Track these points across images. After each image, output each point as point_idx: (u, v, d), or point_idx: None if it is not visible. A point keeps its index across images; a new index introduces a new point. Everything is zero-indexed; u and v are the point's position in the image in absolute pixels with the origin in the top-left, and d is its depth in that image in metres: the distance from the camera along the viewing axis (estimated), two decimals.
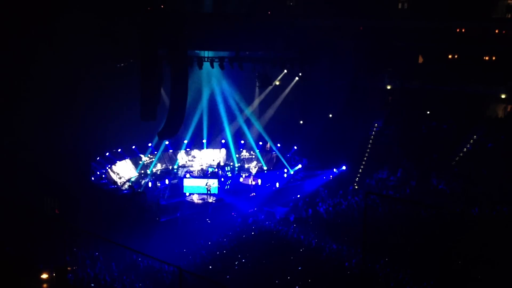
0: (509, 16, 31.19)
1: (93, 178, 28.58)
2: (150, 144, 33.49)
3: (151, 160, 33.78)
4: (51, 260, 18.49)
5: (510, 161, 27.13)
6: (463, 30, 32.60)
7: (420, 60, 34.66)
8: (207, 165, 34.48)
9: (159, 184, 30.38)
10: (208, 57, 28.13)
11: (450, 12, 30.94)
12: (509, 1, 31.23)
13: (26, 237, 20.01)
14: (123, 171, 31.99)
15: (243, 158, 35.33)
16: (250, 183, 31.18)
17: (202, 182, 29.11)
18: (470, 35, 32.45)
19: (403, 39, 32.53)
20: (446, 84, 32.97)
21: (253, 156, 35.28)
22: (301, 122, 37.35)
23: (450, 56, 33.70)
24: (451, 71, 33.02)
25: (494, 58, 32.19)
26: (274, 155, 35.07)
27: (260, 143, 35.47)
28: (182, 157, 35.13)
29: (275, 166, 34.68)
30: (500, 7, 31.39)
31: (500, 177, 26.33)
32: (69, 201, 23.65)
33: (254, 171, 33.64)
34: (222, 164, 34.13)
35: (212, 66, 28.31)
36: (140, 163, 33.05)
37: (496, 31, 31.83)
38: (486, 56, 32.54)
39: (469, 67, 32.45)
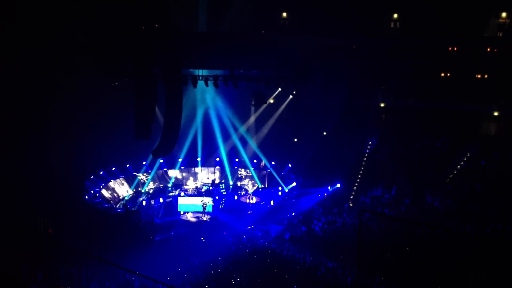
0: (500, 34, 31.56)
1: (87, 197, 28.44)
2: (144, 163, 33.40)
3: (146, 177, 33.70)
4: (44, 280, 18.41)
5: (503, 178, 27.29)
6: (455, 49, 32.95)
7: None
8: (202, 183, 34.42)
9: (153, 203, 30.26)
10: (202, 76, 28.22)
11: (442, 31, 31.29)
12: (500, 20, 31.63)
13: (19, 257, 19.85)
14: (117, 190, 31.88)
15: (240, 176, 35.20)
16: (248, 201, 31.16)
17: (196, 200, 29.02)
18: (462, 54, 32.79)
19: (396, 57, 32.84)
20: (439, 102, 33.22)
21: (250, 174, 35.22)
22: (296, 140, 37.42)
23: (442, 74, 33.99)
24: (443, 89, 33.29)
25: (486, 76, 32.50)
26: (266, 172, 35.07)
27: (255, 161, 35.47)
28: (176, 175, 35.10)
29: (269, 184, 34.66)
30: (491, 25, 31.81)
31: (494, 194, 26.45)
32: (63, 220, 23.49)
33: (250, 189, 33.53)
34: (217, 181, 34.06)
35: (207, 85, 28.40)
36: (134, 182, 32.94)
37: (488, 49, 32.19)
38: (478, 74, 32.85)
39: (461, 85, 32.73)
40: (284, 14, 36.10)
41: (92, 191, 29.43)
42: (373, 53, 32.89)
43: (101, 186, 30.68)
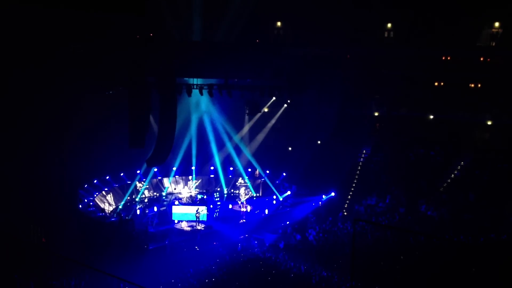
0: (493, 44, 31.73)
1: (80, 206, 28.34)
2: (138, 171, 33.31)
3: (141, 186, 33.59)
4: None
5: (497, 187, 27.38)
6: (448, 58, 33.08)
7: None
8: (196, 192, 34.36)
9: (148, 211, 30.16)
10: (197, 85, 28.24)
11: (435, 41, 31.44)
12: (493, 30, 31.81)
13: (12, 266, 19.74)
14: (111, 199, 31.77)
15: (239, 185, 35.03)
16: (241, 209, 31.10)
17: (191, 209, 28.95)
18: (456, 63, 32.93)
19: (390, 67, 32.95)
20: (432, 111, 33.37)
21: (246, 183, 35.14)
22: (290, 148, 37.46)
23: (436, 84, 34.11)
24: (437, 99, 33.43)
25: (479, 85, 32.65)
26: (261, 181, 35.02)
27: (249, 169, 35.44)
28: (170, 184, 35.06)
29: (263, 192, 34.61)
30: (484, 35, 31.95)
31: (487, 203, 26.53)
32: (56, 229, 23.40)
33: (243, 197, 33.47)
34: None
35: (201, 93, 28.42)
36: (129, 190, 32.81)
37: (481, 59, 32.35)
38: (471, 84, 32.99)
39: (455, 94, 32.88)
40: (279, 24, 36.19)
41: (85, 200, 29.32)
42: (367, 62, 33.00)
43: (95, 195, 30.57)
